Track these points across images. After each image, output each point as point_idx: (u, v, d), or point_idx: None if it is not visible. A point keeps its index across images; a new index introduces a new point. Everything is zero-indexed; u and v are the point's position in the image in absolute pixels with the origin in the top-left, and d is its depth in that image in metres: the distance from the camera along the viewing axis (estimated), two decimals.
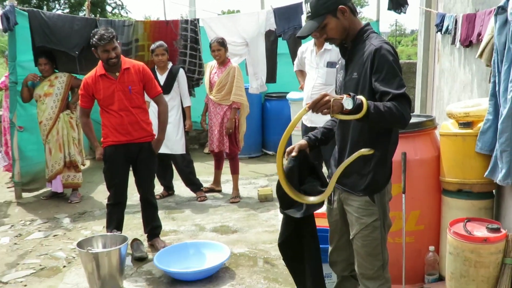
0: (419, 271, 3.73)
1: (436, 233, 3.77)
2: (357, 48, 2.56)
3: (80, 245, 3.88)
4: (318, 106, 2.20)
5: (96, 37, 4.17)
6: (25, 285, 4.05)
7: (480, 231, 3.27)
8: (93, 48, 4.26)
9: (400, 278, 3.54)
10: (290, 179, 2.61)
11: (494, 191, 3.61)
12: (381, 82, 2.38)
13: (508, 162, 3.21)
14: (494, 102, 3.34)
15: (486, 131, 3.39)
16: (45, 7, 23.11)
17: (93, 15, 9.51)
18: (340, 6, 2.48)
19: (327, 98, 2.18)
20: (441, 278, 3.72)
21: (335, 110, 2.19)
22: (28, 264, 4.45)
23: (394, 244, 3.43)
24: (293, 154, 2.63)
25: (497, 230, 3.24)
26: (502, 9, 3.26)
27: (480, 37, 3.99)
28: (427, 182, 3.68)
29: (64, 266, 4.40)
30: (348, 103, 2.17)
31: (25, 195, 6.46)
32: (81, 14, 21.10)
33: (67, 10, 23.61)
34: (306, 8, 2.55)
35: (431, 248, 3.70)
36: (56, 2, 24.57)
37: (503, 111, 3.20)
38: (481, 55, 3.70)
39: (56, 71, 6.21)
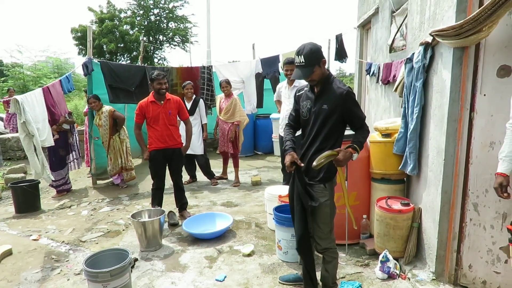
0: (356, 231, 3.67)
1: (368, 206, 3.72)
2: (326, 88, 2.49)
3: (133, 216, 3.80)
4: (345, 161, 2.35)
5: (155, 74, 4.19)
6: (97, 243, 3.95)
7: (396, 205, 3.22)
8: (150, 82, 4.23)
9: (344, 236, 3.48)
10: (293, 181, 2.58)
11: (405, 178, 3.57)
12: (354, 115, 2.45)
13: (414, 160, 3.17)
14: (404, 121, 3.29)
15: (399, 140, 3.34)
16: (114, 60, 23.02)
17: (143, 64, 9.41)
18: (323, 59, 2.46)
19: (347, 156, 2.37)
20: (371, 236, 3.66)
21: (348, 161, 2.39)
22: (99, 228, 4.35)
23: (341, 214, 3.37)
24: (300, 164, 2.50)
25: (407, 204, 3.20)
26: (410, 60, 3.22)
27: (394, 78, 3.95)
28: (362, 173, 3.63)
29: (123, 230, 4.31)
30: (355, 157, 2.41)
31: (99, 182, 6.34)
32: (137, 64, 21.05)
33: (128, 62, 23.48)
34: (298, 58, 2.42)
35: (365, 216, 3.65)
36: (122, 56, 24.46)
37: (411, 126, 3.15)
38: (396, 90, 3.66)
39: (104, 105, 5.99)
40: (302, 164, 2.51)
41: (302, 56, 2.40)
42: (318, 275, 2.92)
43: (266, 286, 2.99)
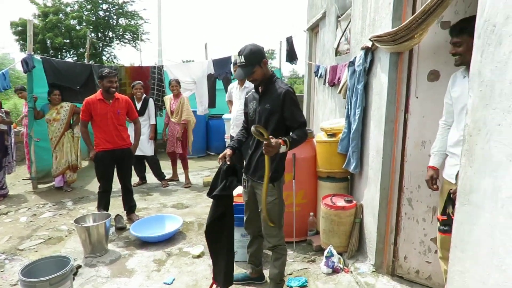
0: (304, 228, 3.77)
1: (314, 204, 3.83)
2: (268, 87, 2.56)
3: (77, 221, 3.62)
4: (271, 149, 2.26)
5: (106, 71, 4.04)
6: (36, 251, 3.72)
7: (340, 202, 3.35)
8: (99, 80, 4.07)
9: (291, 233, 3.56)
10: (218, 174, 2.61)
11: (348, 176, 3.73)
12: (292, 114, 2.46)
13: (357, 159, 3.32)
14: (348, 121, 3.44)
15: (343, 139, 3.48)
16: (59, 56, 21.78)
17: (91, 62, 9.00)
18: (264, 59, 2.50)
19: (274, 145, 2.26)
20: (317, 232, 3.78)
21: (276, 151, 2.30)
22: (39, 236, 4.09)
23: (289, 212, 3.44)
24: (227, 159, 2.60)
25: (350, 201, 3.34)
26: (352, 63, 3.37)
27: (339, 80, 4.10)
28: (308, 172, 3.73)
29: (66, 236, 4.09)
30: (283, 149, 2.33)
31: (40, 186, 5.96)
32: (83, 61, 20.08)
33: (75, 59, 22.32)
34: (239, 58, 2.47)
35: (311, 213, 3.76)
36: (67, 52, 23.18)
37: (353, 127, 3.30)
38: (340, 91, 3.80)
39: (63, 101, 5.79)
40: (228, 163, 2.59)
41: (242, 56, 2.46)
42: (266, 272, 2.98)
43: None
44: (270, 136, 2.28)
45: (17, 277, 3.14)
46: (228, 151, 2.65)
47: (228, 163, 2.59)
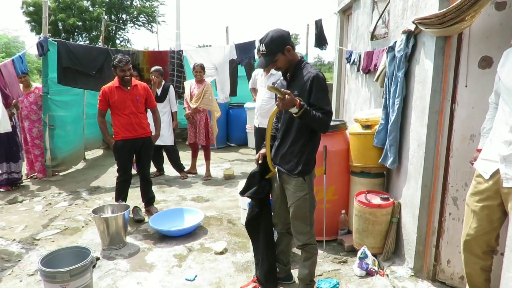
0: (334, 227, 3.77)
1: (346, 201, 3.82)
2: (296, 74, 2.55)
3: (94, 211, 3.74)
4: (286, 103, 2.29)
5: (116, 60, 4.07)
6: (53, 241, 3.86)
7: (376, 200, 3.33)
8: (112, 68, 4.13)
9: (322, 231, 3.56)
10: (253, 175, 2.79)
11: (385, 172, 3.69)
12: (317, 100, 2.41)
13: (395, 153, 3.28)
14: (385, 112, 3.39)
15: (380, 132, 3.44)
16: (71, 39, 22.23)
17: (106, 46, 9.15)
18: (286, 46, 2.49)
19: (291, 101, 2.29)
20: (349, 232, 3.77)
21: (287, 107, 2.31)
22: (55, 225, 4.25)
23: (318, 209, 3.41)
24: (260, 162, 2.75)
25: (387, 199, 3.31)
26: (392, 48, 3.31)
27: (376, 67, 4.04)
28: (341, 166, 3.71)
29: (83, 227, 4.23)
30: (294, 110, 2.32)
31: (53, 176, 6.16)
32: (97, 45, 20.42)
33: (87, 42, 22.76)
34: (260, 47, 2.52)
35: (343, 211, 3.75)
36: (79, 36, 23.64)
37: (391, 118, 3.25)
38: (377, 79, 3.75)
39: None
40: (260, 162, 2.75)
41: (263, 44, 2.48)
42: (294, 272, 3.00)
43: (240, 285, 3.03)
44: (288, 93, 2.32)
45: (34, 267, 3.29)
46: (262, 151, 2.73)
47: (260, 161, 2.72)
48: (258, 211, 2.80)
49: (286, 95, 2.29)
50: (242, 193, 2.81)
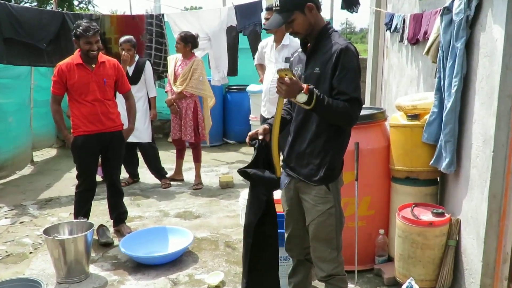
0: (370, 253, 3.77)
1: (386, 217, 3.82)
2: (320, 45, 2.54)
3: (46, 231, 3.75)
4: (288, 89, 2.28)
5: (80, 28, 4.05)
6: None
7: (426, 216, 3.32)
8: (74, 39, 4.14)
9: (352, 259, 3.56)
10: (256, 163, 2.55)
11: (438, 178, 3.68)
12: (341, 81, 2.39)
13: (452, 152, 3.27)
14: (439, 96, 3.38)
15: (431, 123, 3.43)
16: (13, 1, 22.36)
17: (60, 9, 9.19)
18: (308, 4, 2.47)
19: (295, 86, 2.26)
20: (390, 259, 3.76)
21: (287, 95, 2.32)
22: None
23: (347, 228, 3.42)
24: (260, 137, 2.54)
25: (441, 214, 3.30)
26: (448, 10, 3.29)
27: (426, 36, 4.02)
28: (378, 170, 3.71)
29: (31, 253, 4.26)
30: (300, 98, 2.28)
31: None
32: (48, 7, 20.47)
33: (34, 4, 22.85)
34: (274, 1, 2.51)
35: (381, 231, 3.75)
36: None
37: (447, 105, 3.24)
38: (427, 52, 3.73)
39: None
40: (261, 138, 2.54)
41: None
42: None
43: None
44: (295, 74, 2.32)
45: None
46: (264, 126, 2.60)
47: (261, 137, 2.54)
48: (261, 212, 2.56)
49: (286, 77, 2.26)
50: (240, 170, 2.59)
